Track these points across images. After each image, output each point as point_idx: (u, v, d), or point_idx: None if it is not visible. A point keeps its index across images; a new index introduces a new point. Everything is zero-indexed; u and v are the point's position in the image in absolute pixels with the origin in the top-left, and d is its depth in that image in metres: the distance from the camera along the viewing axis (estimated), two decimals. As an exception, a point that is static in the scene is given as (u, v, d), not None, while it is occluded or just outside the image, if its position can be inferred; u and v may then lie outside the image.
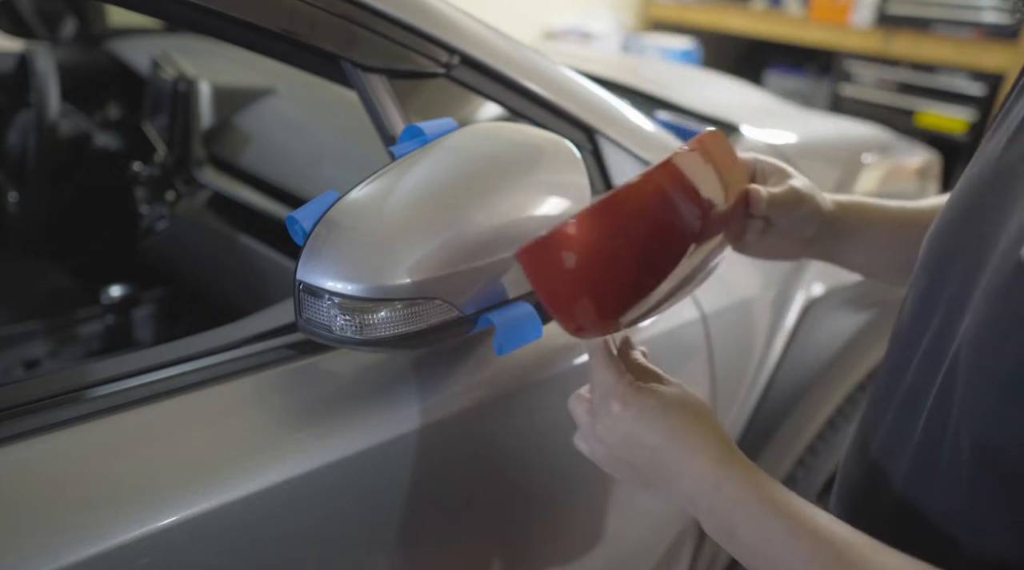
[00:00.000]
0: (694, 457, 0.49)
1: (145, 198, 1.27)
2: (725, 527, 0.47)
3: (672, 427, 0.49)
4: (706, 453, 0.49)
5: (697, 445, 0.49)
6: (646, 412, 0.50)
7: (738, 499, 0.47)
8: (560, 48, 2.90)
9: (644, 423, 0.50)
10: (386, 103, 0.63)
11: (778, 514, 0.45)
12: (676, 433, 0.49)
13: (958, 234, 0.49)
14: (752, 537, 0.45)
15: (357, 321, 0.49)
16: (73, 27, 1.69)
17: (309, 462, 0.53)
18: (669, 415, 0.50)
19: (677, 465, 0.49)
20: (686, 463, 0.49)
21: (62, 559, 0.43)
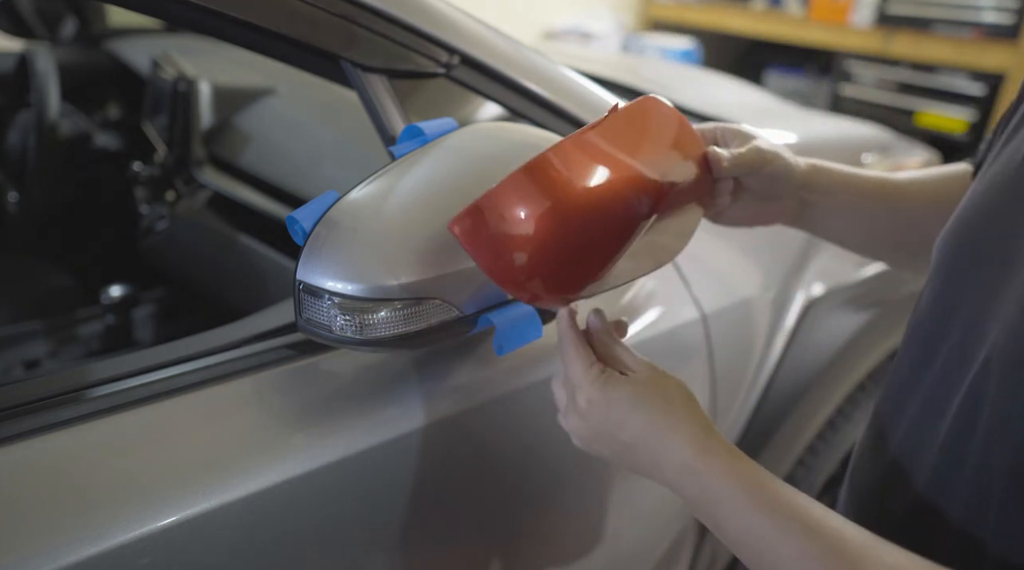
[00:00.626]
0: (669, 449, 0.48)
1: (145, 198, 1.27)
2: (710, 519, 0.47)
3: (642, 421, 0.49)
4: (681, 443, 0.48)
5: (671, 436, 0.48)
6: (615, 406, 0.49)
7: (720, 492, 0.46)
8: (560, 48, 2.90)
9: (614, 419, 0.49)
10: (386, 103, 0.63)
11: (763, 506, 0.44)
12: (648, 426, 0.49)
13: (977, 236, 0.48)
14: (737, 530, 0.45)
15: (357, 321, 0.49)
16: (73, 27, 1.69)
17: (309, 462, 0.53)
18: (639, 407, 0.49)
19: (654, 457, 0.49)
20: (662, 455, 0.48)
21: (62, 559, 0.43)
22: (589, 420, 0.51)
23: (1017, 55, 2.73)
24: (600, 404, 0.50)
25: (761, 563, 0.43)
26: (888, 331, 1.16)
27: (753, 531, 0.44)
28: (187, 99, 1.17)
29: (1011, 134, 0.50)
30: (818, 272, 1.03)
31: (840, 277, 1.06)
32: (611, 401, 0.50)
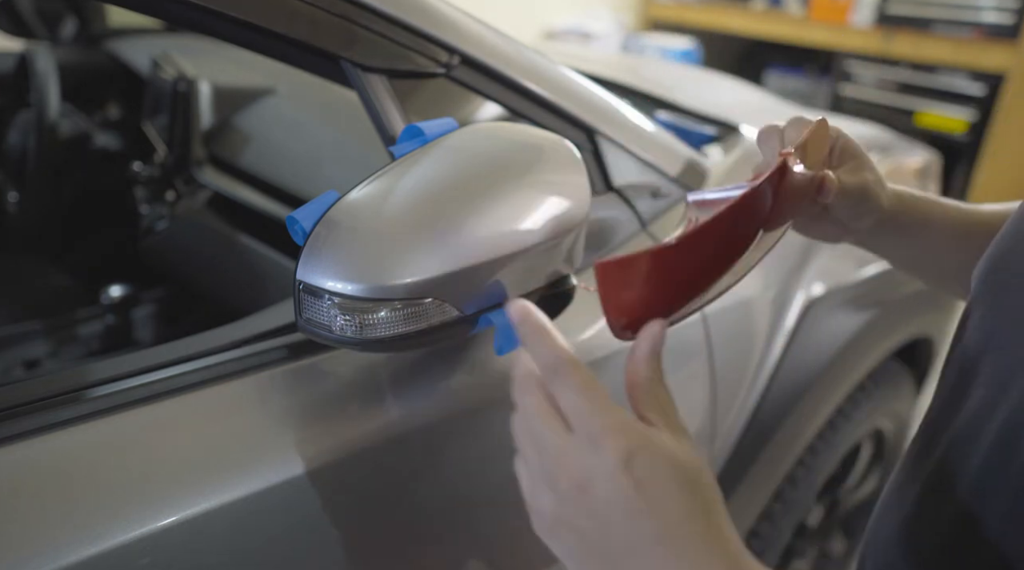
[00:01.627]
0: (706, 558, 0.34)
1: (145, 198, 1.27)
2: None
3: (688, 513, 0.34)
4: (722, 555, 0.35)
5: (717, 542, 0.35)
6: (657, 479, 0.34)
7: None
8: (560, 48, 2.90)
9: (647, 496, 0.34)
10: (386, 103, 0.63)
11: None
12: (691, 521, 0.34)
13: (1013, 262, 0.44)
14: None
15: (357, 321, 0.49)
16: (73, 27, 1.69)
17: (309, 462, 0.53)
18: (688, 493, 0.35)
19: (664, 562, 0.34)
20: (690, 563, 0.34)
21: (62, 559, 0.43)
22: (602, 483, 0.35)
23: (1017, 55, 2.73)
24: (643, 464, 0.34)
25: None
26: (888, 331, 1.16)
27: None
28: (187, 99, 1.17)
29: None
30: (818, 272, 1.03)
31: (840, 277, 1.06)
32: (656, 466, 0.35)
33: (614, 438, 0.35)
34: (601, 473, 0.34)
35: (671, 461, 0.35)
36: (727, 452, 0.93)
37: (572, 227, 0.56)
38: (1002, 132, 2.80)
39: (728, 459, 0.93)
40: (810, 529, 1.23)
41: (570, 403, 0.36)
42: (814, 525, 1.24)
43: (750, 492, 0.99)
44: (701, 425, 0.87)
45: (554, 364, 0.37)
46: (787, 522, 1.09)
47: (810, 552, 1.26)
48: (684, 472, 0.35)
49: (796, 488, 1.08)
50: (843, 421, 1.12)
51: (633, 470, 0.34)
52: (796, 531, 1.19)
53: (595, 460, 0.35)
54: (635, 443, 0.35)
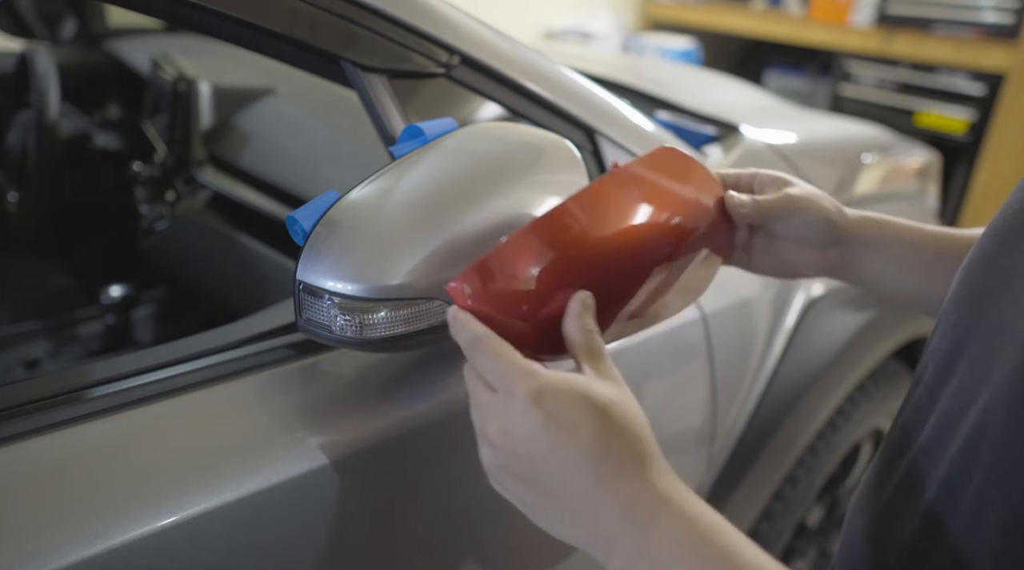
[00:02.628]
0: (623, 480, 0.38)
1: (145, 198, 1.27)
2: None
3: (595, 435, 0.39)
4: (643, 476, 0.38)
5: (633, 464, 0.39)
6: (566, 410, 0.39)
7: (679, 537, 0.37)
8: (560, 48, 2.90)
9: (559, 426, 0.39)
10: (386, 103, 0.63)
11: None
12: (604, 446, 0.39)
13: (993, 269, 0.44)
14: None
15: (357, 321, 0.49)
16: (73, 27, 1.69)
17: (309, 462, 0.53)
18: (598, 420, 0.39)
19: (594, 489, 0.38)
20: (610, 487, 0.38)
21: (62, 559, 0.43)
22: (520, 422, 0.40)
23: (1017, 55, 2.73)
24: (550, 401, 0.39)
25: None
26: (888, 331, 1.16)
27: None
28: (187, 99, 1.17)
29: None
30: (818, 272, 1.03)
31: (840, 277, 1.06)
32: (564, 401, 0.39)
33: (523, 382, 0.40)
34: (517, 415, 0.39)
35: (578, 394, 0.39)
36: (727, 452, 0.93)
37: (572, 227, 0.56)
38: (1002, 132, 2.80)
39: (728, 459, 0.93)
40: (810, 529, 1.23)
41: (486, 367, 0.42)
42: (814, 525, 1.24)
43: (750, 492, 0.99)
44: (701, 425, 0.87)
45: (469, 339, 0.42)
46: (787, 522, 1.09)
47: (810, 552, 1.26)
48: (593, 403, 0.39)
49: (796, 488, 1.08)
50: (843, 421, 1.12)
51: (543, 406, 0.39)
52: (796, 531, 1.19)
53: (511, 405, 0.40)
54: (543, 383, 0.39)
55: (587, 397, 0.40)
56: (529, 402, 0.39)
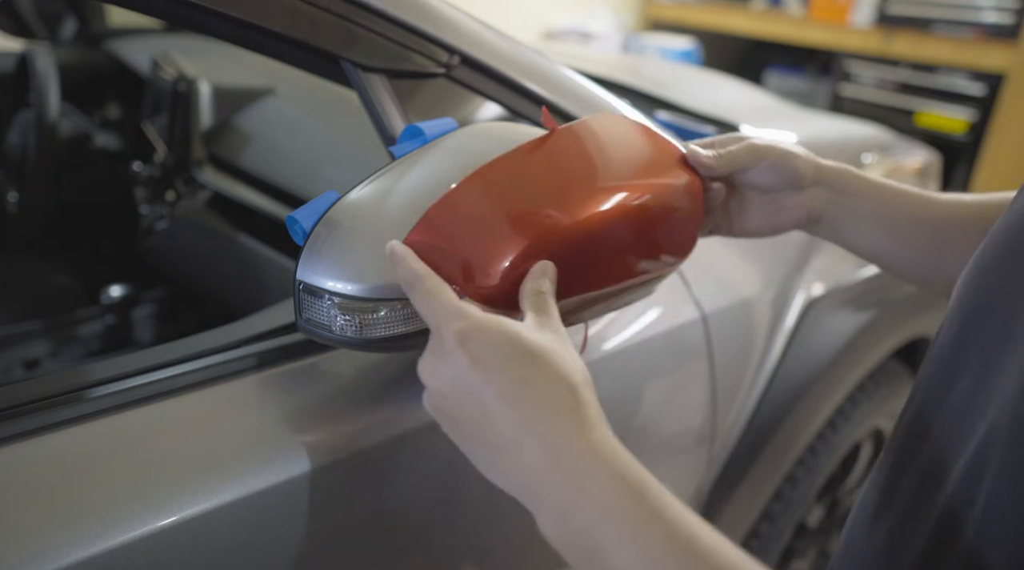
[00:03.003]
0: (548, 427, 0.37)
1: (145, 198, 1.27)
2: (581, 536, 0.36)
3: (520, 377, 0.38)
4: (572, 427, 0.37)
5: (560, 412, 0.38)
6: (491, 352, 0.39)
7: (606, 496, 0.35)
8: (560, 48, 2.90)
9: (483, 367, 0.38)
10: (386, 103, 0.63)
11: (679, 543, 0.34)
12: (524, 386, 0.38)
13: (998, 276, 0.42)
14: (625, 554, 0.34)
15: (357, 321, 0.48)
16: (73, 27, 1.69)
17: (309, 462, 0.53)
18: (524, 364, 0.38)
19: (518, 433, 0.38)
20: (535, 432, 0.37)
21: (62, 559, 0.43)
22: (448, 363, 0.39)
23: (1017, 55, 2.73)
24: (475, 343, 0.39)
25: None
26: (888, 331, 1.16)
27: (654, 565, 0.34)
28: (187, 99, 1.17)
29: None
30: (818, 272, 1.03)
31: (840, 277, 1.06)
32: (488, 343, 0.38)
33: (452, 323, 0.40)
34: (445, 354, 0.40)
35: (506, 337, 0.39)
36: (727, 452, 0.93)
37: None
38: (1002, 132, 2.80)
39: (728, 459, 0.93)
40: (810, 529, 1.23)
41: (421, 307, 0.42)
42: (814, 525, 1.24)
43: (750, 492, 0.99)
44: (701, 425, 0.87)
45: (407, 278, 0.43)
46: (787, 522, 1.09)
47: (810, 552, 1.26)
48: (521, 347, 0.39)
49: (796, 488, 1.08)
50: (843, 421, 1.12)
51: (468, 347, 0.39)
52: (796, 531, 1.19)
53: (440, 346, 0.40)
54: (471, 324, 0.39)
55: (515, 341, 0.39)
56: (455, 342, 0.39)
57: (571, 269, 0.48)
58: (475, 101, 1.04)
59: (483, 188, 0.47)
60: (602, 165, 0.52)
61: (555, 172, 0.50)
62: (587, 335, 0.65)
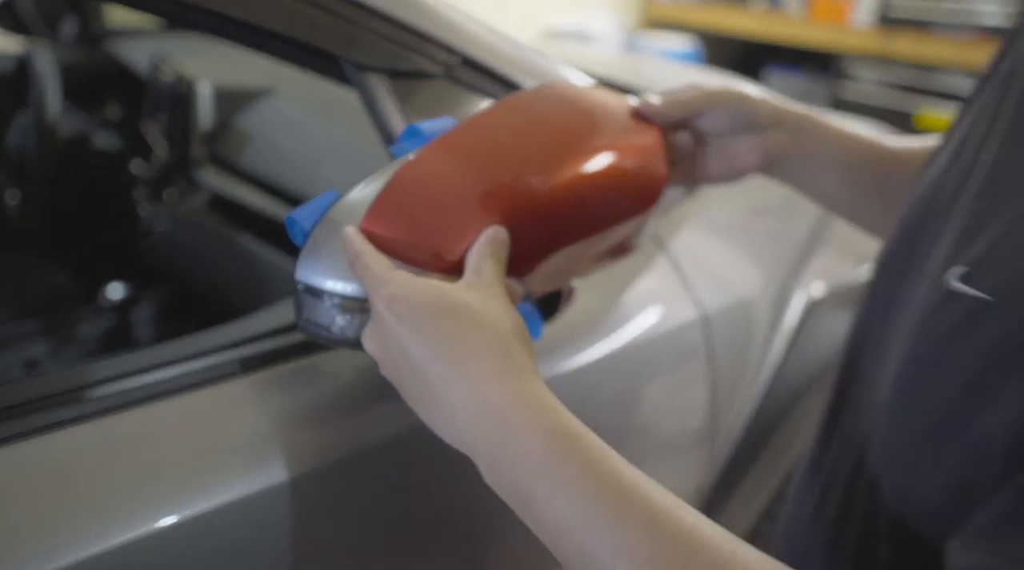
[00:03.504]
0: (475, 379, 0.38)
1: (145, 198, 1.27)
2: (513, 486, 0.37)
3: (444, 330, 0.39)
4: (498, 377, 0.38)
5: (473, 355, 0.38)
6: (414, 312, 0.40)
7: (532, 446, 0.36)
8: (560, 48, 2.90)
9: (408, 325, 0.40)
10: (386, 103, 0.63)
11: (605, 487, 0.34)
12: (448, 340, 0.39)
13: (898, 256, 0.46)
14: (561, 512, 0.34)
15: (357, 321, 0.48)
16: (73, 27, 1.69)
17: (309, 462, 0.53)
18: (446, 319, 0.39)
19: (445, 385, 0.39)
20: (456, 382, 0.38)
21: (62, 559, 0.43)
22: (381, 325, 0.41)
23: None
24: (400, 304, 0.40)
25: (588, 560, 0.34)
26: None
27: (583, 516, 0.34)
28: (187, 99, 1.17)
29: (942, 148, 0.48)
30: (818, 272, 1.03)
31: (840, 277, 1.06)
32: (413, 304, 0.40)
33: (381, 289, 0.41)
34: (378, 321, 0.42)
35: (428, 296, 0.40)
36: (727, 452, 0.93)
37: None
38: (1002, 132, 2.80)
39: (728, 459, 0.93)
40: (810, 529, 1.23)
41: (361, 281, 0.44)
42: (814, 525, 1.24)
43: (751, 492, 0.99)
44: (701, 425, 0.87)
45: (350, 258, 0.44)
46: (787, 522, 1.09)
47: (810, 552, 1.26)
48: (441, 302, 0.40)
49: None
50: (843, 421, 1.12)
51: (394, 308, 0.40)
52: (796, 531, 1.19)
53: (375, 313, 0.42)
54: (397, 289, 0.41)
55: (438, 298, 0.40)
56: (384, 307, 0.41)
57: (535, 235, 0.49)
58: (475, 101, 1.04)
59: (434, 164, 0.47)
60: (554, 131, 0.52)
61: (508, 142, 0.50)
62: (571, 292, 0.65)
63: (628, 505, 0.34)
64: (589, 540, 0.34)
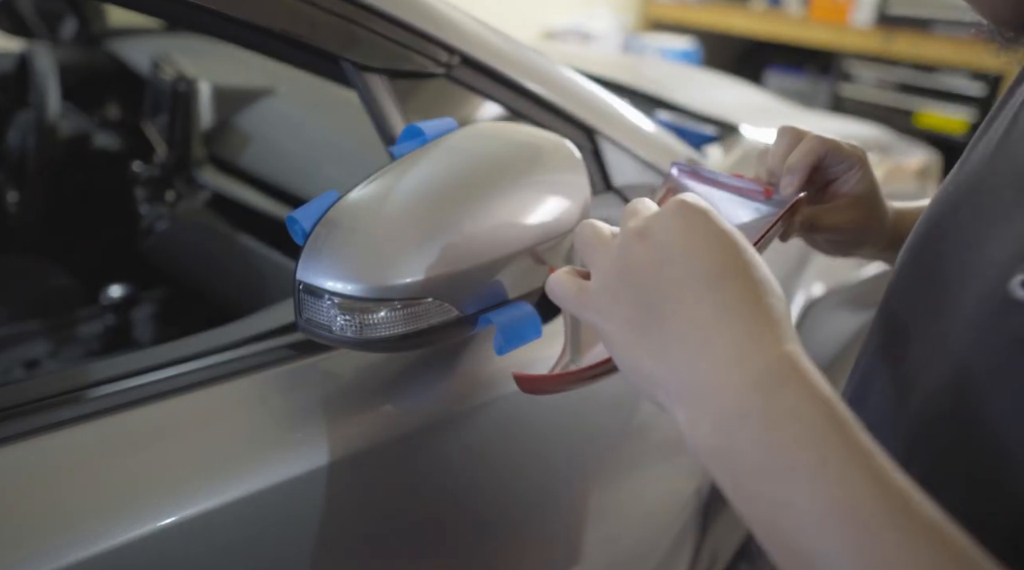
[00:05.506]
0: (749, 317, 0.33)
1: (145, 198, 1.27)
2: (752, 448, 0.30)
3: (738, 252, 0.34)
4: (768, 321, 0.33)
5: (759, 303, 0.33)
6: (705, 222, 0.35)
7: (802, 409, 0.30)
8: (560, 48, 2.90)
9: (698, 235, 0.35)
10: (386, 103, 0.63)
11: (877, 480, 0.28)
12: (735, 273, 0.34)
13: (931, 253, 0.45)
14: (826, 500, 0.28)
15: (357, 321, 0.49)
16: (73, 27, 1.69)
17: (309, 462, 0.53)
18: (738, 240, 0.35)
19: (714, 316, 0.33)
20: (729, 319, 0.33)
21: (62, 559, 0.43)
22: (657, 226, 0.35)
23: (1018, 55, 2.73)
24: (691, 212, 0.35)
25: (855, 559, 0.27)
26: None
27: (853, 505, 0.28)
28: (187, 99, 1.17)
29: (974, 143, 0.47)
30: (818, 272, 1.03)
31: (840, 277, 1.06)
32: (703, 214, 0.35)
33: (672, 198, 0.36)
34: (659, 218, 0.36)
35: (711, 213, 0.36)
36: (727, 452, 0.93)
37: (572, 227, 0.56)
38: (1002, 132, 2.79)
39: (728, 459, 0.93)
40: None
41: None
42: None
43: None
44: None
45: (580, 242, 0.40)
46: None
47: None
48: (730, 230, 0.35)
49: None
50: (843, 421, 1.12)
51: (687, 215, 0.35)
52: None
53: (655, 212, 0.37)
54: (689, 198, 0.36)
55: (718, 218, 0.36)
56: (677, 206, 0.36)
57: None
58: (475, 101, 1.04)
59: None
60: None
61: None
62: None
63: (905, 507, 0.28)
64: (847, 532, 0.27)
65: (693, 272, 0.34)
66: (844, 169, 0.58)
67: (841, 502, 0.28)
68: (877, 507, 0.27)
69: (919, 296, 0.44)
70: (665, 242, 0.35)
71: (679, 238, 0.35)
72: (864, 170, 0.58)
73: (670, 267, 0.34)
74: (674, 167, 0.63)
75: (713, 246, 0.34)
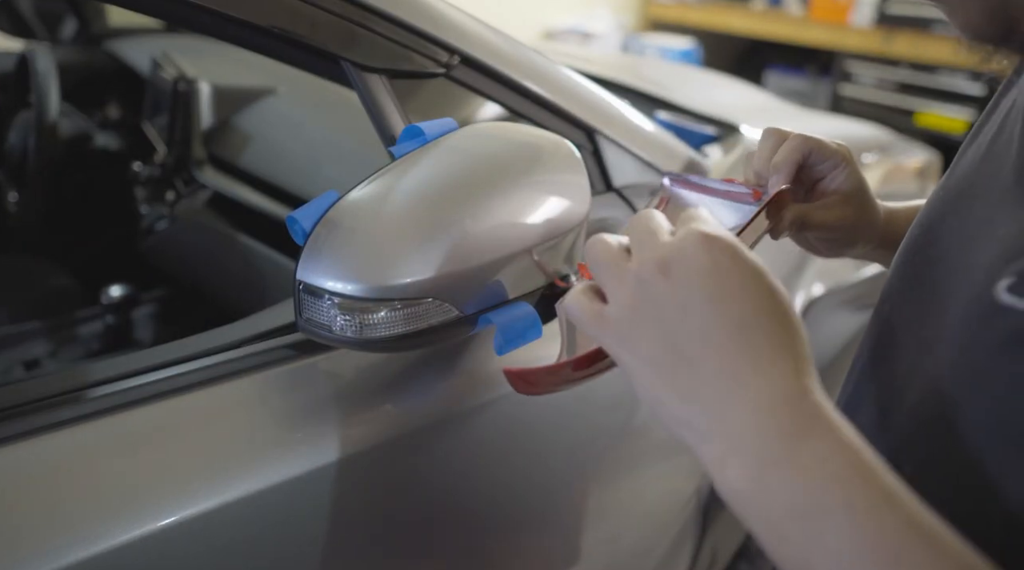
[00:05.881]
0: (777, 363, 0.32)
1: (145, 198, 1.27)
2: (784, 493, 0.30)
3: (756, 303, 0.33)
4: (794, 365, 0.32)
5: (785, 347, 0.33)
6: (732, 260, 0.33)
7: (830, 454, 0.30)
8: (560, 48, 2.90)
9: (726, 276, 0.33)
10: (386, 103, 0.63)
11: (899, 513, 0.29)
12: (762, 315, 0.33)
13: (922, 257, 0.45)
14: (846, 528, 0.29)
15: (357, 321, 0.49)
16: (73, 27, 1.69)
17: (309, 462, 0.53)
18: (757, 283, 0.33)
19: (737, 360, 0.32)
20: (756, 366, 0.32)
21: (62, 559, 0.43)
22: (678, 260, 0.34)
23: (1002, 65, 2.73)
24: (717, 244, 0.33)
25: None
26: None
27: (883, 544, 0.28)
28: (187, 99, 1.17)
29: (965, 147, 0.47)
30: (818, 272, 1.03)
31: (840, 277, 1.06)
32: (730, 247, 0.34)
33: (696, 223, 0.35)
34: (684, 250, 0.34)
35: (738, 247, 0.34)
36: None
37: (572, 227, 0.56)
38: (1002, 132, 2.80)
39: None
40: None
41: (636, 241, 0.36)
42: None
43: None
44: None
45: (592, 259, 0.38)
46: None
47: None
48: (752, 263, 0.34)
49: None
50: (843, 421, 1.12)
51: (712, 252, 0.34)
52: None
53: (679, 241, 0.34)
54: (711, 230, 0.34)
55: (757, 268, 0.34)
56: (700, 241, 0.34)
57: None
58: (475, 101, 1.04)
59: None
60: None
61: None
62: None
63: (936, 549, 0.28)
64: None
65: (722, 316, 0.33)
66: (830, 167, 0.58)
67: (872, 541, 0.28)
68: (907, 544, 0.28)
69: (910, 301, 0.44)
70: (690, 283, 0.33)
71: (707, 280, 0.33)
72: (850, 167, 0.58)
73: (697, 310, 0.33)
74: (665, 178, 0.66)
75: (745, 288, 0.33)
